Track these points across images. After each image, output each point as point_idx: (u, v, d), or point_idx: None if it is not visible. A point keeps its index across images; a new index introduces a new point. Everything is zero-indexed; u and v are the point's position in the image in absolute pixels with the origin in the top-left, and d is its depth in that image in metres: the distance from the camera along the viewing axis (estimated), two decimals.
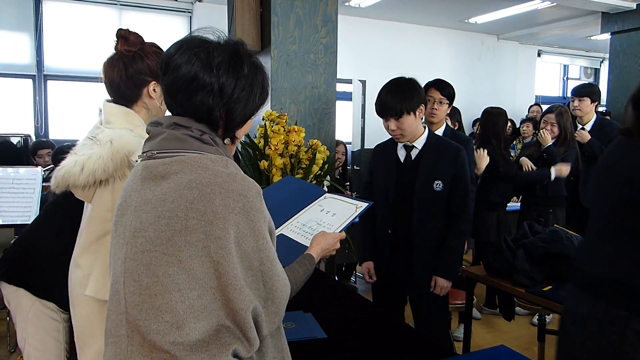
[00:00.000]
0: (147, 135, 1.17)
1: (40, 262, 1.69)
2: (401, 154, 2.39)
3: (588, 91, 3.94)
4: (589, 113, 3.95)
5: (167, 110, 1.65)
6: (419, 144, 2.35)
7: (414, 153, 2.36)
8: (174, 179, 1.04)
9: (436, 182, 2.30)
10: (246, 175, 1.09)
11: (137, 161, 1.42)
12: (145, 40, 1.64)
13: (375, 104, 2.30)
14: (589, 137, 3.84)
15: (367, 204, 1.73)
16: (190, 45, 1.08)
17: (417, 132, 2.32)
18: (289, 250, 1.45)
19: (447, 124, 2.94)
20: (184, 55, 1.07)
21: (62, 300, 1.62)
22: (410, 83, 2.28)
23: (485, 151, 3.59)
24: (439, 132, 2.86)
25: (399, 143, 2.38)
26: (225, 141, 1.15)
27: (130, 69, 1.58)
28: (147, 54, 1.60)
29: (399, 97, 2.21)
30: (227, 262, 0.99)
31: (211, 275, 1.00)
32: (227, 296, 1.00)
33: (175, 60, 1.07)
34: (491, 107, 3.79)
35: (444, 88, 2.89)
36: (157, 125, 1.12)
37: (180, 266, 0.99)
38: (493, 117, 3.71)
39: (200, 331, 0.99)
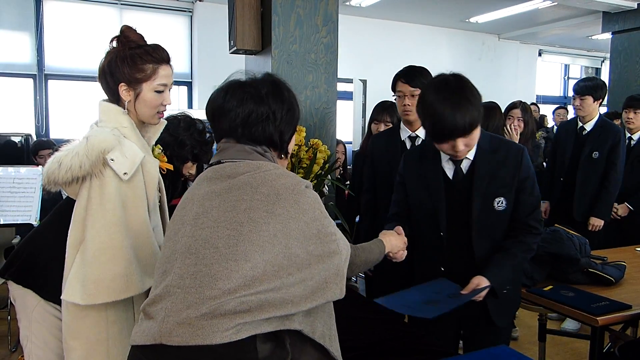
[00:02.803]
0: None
1: (48, 265, 1.65)
2: (448, 168, 1.85)
3: (590, 88, 3.49)
4: (592, 112, 3.54)
5: (143, 119, 1.61)
6: (470, 152, 1.80)
7: (465, 166, 1.82)
8: (240, 177, 1.20)
9: (497, 199, 1.79)
10: None
11: (112, 160, 1.45)
12: (147, 41, 1.61)
13: (432, 126, 1.70)
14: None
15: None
16: (235, 88, 1.26)
17: None
18: None
19: None
20: (234, 98, 1.24)
21: None
22: (460, 83, 1.71)
23: None
24: (423, 129, 2.26)
25: (442, 154, 1.84)
26: (281, 156, 1.34)
27: (111, 64, 1.56)
28: (126, 58, 1.55)
29: (463, 109, 1.65)
30: (282, 235, 1.12)
31: (265, 249, 1.10)
32: (279, 264, 1.11)
33: (227, 104, 1.25)
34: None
35: (412, 79, 2.30)
36: (228, 142, 1.28)
37: (240, 239, 1.11)
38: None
39: (246, 303, 1.07)
